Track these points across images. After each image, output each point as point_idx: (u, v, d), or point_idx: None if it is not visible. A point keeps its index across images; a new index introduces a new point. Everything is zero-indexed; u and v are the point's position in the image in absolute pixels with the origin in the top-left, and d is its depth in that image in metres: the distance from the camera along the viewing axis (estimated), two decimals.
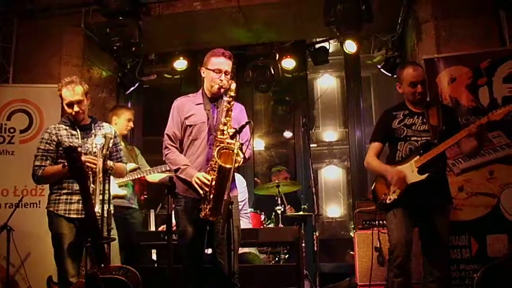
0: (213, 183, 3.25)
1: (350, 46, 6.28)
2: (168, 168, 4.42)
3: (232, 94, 3.36)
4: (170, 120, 3.55)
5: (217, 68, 3.45)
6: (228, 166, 3.15)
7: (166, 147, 3.50)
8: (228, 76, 3.45)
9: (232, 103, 3.36)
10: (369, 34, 6.01)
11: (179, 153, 3.49)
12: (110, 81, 6.24)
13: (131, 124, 5.05)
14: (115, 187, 4.67)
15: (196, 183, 3.29)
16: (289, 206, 5.62)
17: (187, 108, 3.51)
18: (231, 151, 3.19)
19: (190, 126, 3.46)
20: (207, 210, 3.26)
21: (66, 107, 3.68)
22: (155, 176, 4.95)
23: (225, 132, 3.30)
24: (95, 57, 5.88)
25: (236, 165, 3.13)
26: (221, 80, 3.42)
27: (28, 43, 5.69)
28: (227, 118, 3.34)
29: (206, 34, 5.97)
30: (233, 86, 3.38)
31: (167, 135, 3.51)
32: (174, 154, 3.47)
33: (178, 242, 3.46)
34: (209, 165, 3.32)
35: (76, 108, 3.63)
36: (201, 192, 3.28)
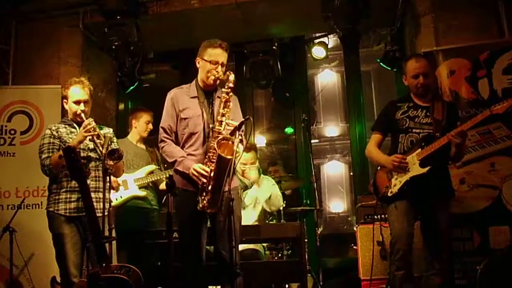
0: (212, 174, 3.22)
1: (349, 41, 6.27)
2: None
3: (231, 85, 3.34)
4: (164, 113, 3.51)
5: (214, 59, 3.41)
6: (228, 157, 3.12)
7: (162, 140, 3.46)
8: (224, 68, 3.41)
9: (230, 94, 3.34)
10: (367, 29, 5.98)
11: (175, 145, 3.44)
12: (110, 80, 6.25)
13: (150, 126, 5.05)
14: (135, 188, 4.71)
15: (193, 174, 3.26)
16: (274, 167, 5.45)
17: (182, 101, 3.47)
18: (230, 142, 3.17)
19: (186, 119, 3.42)
20: (205, 201, 3.23)
21: (72, 105, 3.66)
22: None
23: (223, 123, 3.29)
24: (94, 57, 5.89)
25: (237, 155, 3.10)
26: (218, 72, 3.38)
27: (27, 44, 5.69)
28: (226, 109, 3.33)
29: (204, 31, 5.95)
30: (232, 77, 3.35)
31: (162, 128, 3.48)
32: (170, 147, 3.43)
33: (178, 236, 3.42)
34: (207, 156, 3.30)
35: (82, 107, 3.62)
36: (199, 183, 3.26)
